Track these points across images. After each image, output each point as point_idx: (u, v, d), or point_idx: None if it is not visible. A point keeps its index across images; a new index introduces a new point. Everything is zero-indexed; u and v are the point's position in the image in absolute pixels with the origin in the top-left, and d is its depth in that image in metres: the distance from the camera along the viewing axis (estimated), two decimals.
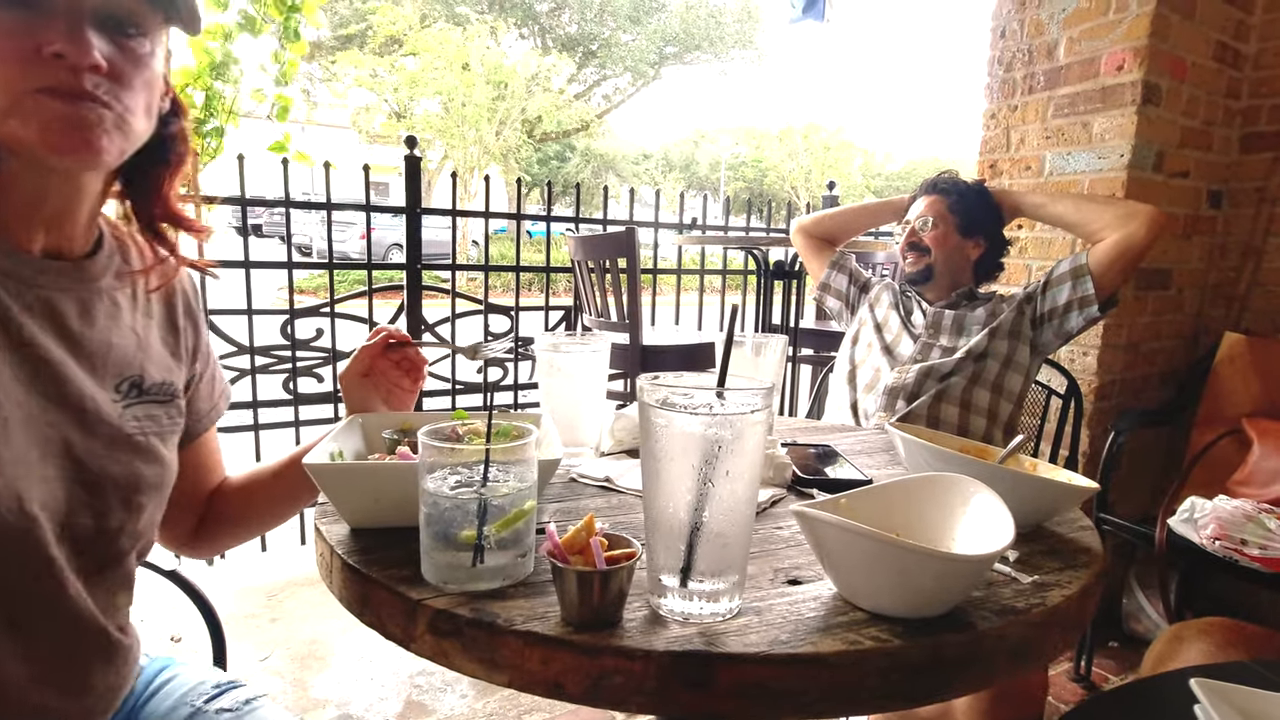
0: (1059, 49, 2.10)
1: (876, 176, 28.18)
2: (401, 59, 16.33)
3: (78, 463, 0.69)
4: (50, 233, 0.70)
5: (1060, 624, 0.64)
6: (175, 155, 0.78)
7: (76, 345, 0.70)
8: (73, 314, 0.71)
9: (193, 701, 0.84)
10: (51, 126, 0.62)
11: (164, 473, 0.78)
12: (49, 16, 0.61)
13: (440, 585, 0.61)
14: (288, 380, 2.48)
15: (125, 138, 0.67)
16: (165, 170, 0.78)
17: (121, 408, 0.73)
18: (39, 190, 0.68)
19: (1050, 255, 2.16)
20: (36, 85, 0.61)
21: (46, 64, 0.60)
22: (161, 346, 0.81)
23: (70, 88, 0.62)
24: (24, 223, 0.68)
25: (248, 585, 2.35)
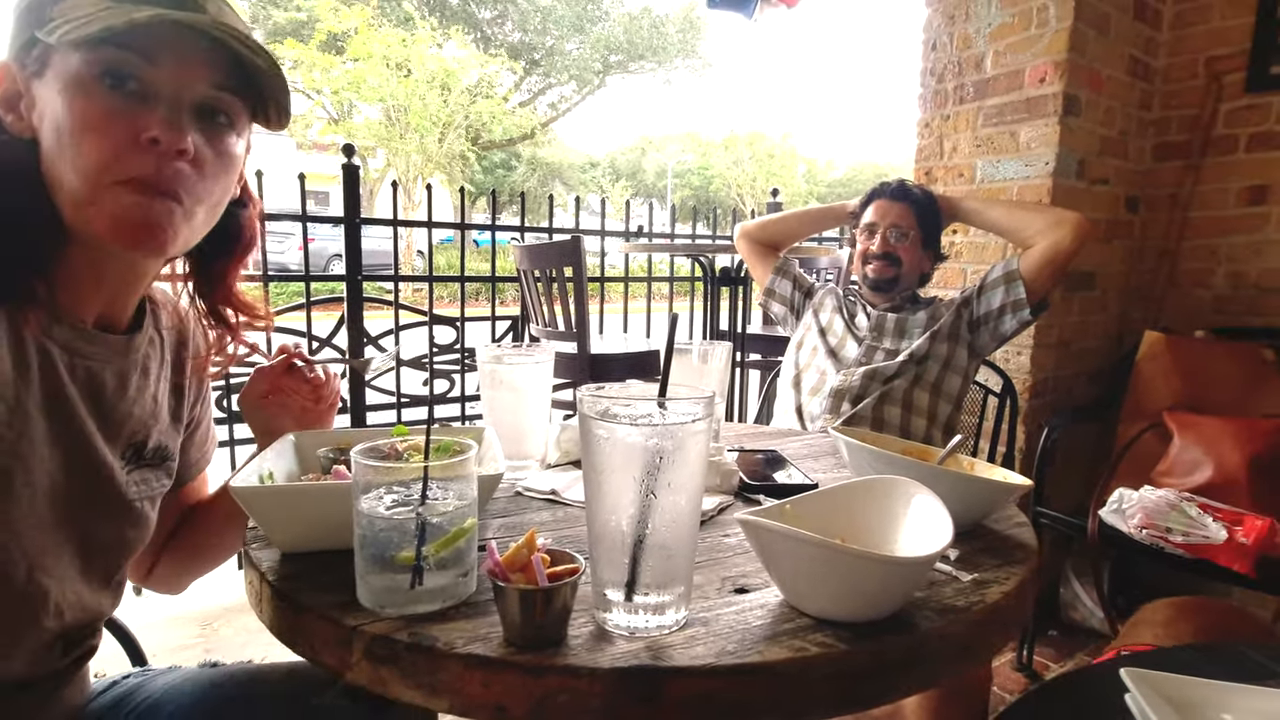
0: (986, 61, 2.18)
1: (819, 183, 28.83)
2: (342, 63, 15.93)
3: (83, 531, 0.69)
4: (104, 306, 0.72)
5: (1001, 620, 0.65)
6: (242, 243, 0.80)
7: (106, 416, 0.72)
8: (111, 386, 0.72)
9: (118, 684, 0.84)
10: (123, 220, 0.63)
11: (146, 535, 0.78)
12: (152, 106, 0.63)
13: (377, 609, 0.59)
14: (221, 398, 2.38)
15: (191, 229, 0.68)
16: (231, 257, 0.80)
17: (125, 473, 0.74)
18: (101, 271, 0.69)
19: (984, 259, 2.24)
20: (121, 176, 0.62)
21: (139, 152, 0.62)
22: (168, 411, 0.82)
23: (152, 181, 0.63)
24: (83, 298, 0.70)
25: (179, 614, 2.23)
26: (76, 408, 0.68)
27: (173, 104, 0.64)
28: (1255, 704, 0.56)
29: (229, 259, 0.80)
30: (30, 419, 0.64)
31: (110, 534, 0.73)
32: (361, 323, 2.56)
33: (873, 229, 1.77)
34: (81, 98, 0.61)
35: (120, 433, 0.73)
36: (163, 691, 0.80)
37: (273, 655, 2.01)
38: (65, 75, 0.62)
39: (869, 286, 1.79)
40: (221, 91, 0.67)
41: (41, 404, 0.65)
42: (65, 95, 0.61)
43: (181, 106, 0.64)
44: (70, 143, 0.61)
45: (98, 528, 0.71)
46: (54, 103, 0.62)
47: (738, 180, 26.61)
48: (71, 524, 0.68)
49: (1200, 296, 2.29)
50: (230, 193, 0.73)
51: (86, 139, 0.61)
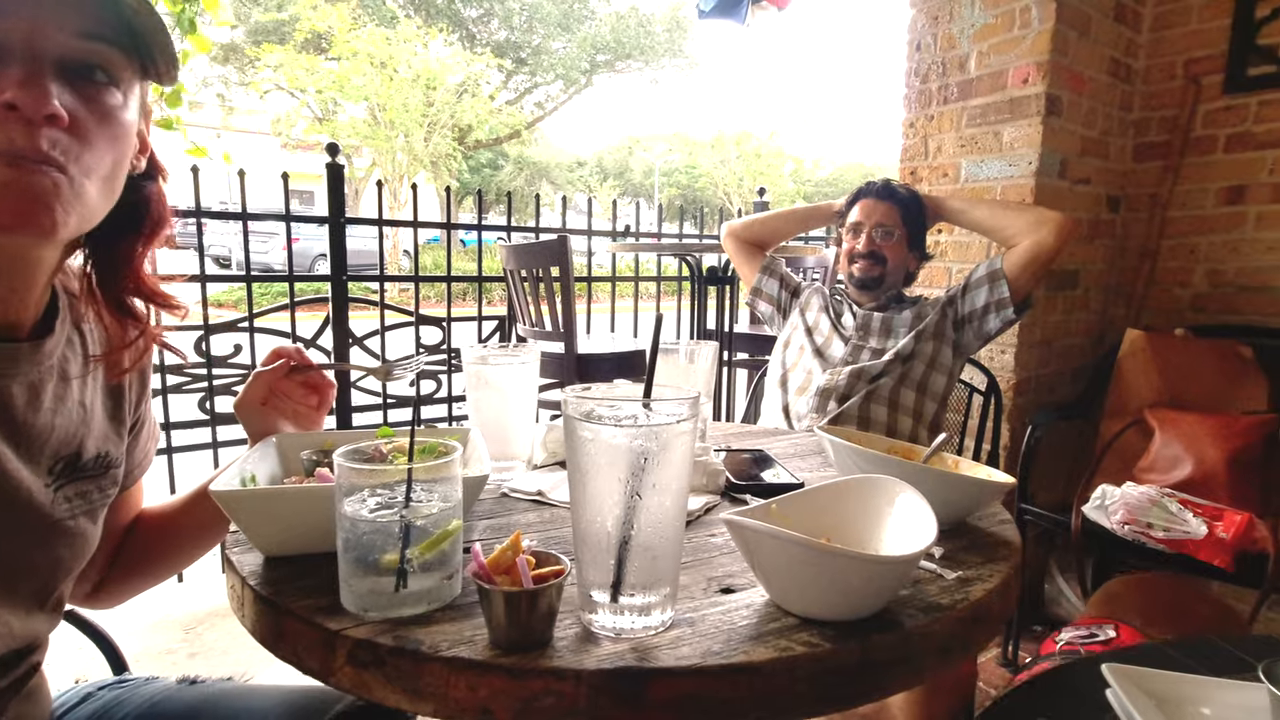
0: (970, 62, 2.20)
1: (807, 183, 28.92)
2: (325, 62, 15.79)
3: (1, 559, 0.63)
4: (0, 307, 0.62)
5: (985, 617, 0.65)
6: (150, 223, 0.70)
7: (18, 433, 0.64)
8: (20, 402, 0.64)
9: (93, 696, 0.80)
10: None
11: (86, 549, 0.72)
12: (5, 63, 0.54)
13: (360, 613, 0.58)
14: (204, 400, 2.35)
15: (84, 206, 0.58)
16: (137, 240, 0.69)
17: (53, 491, 0.67)
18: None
19: (968, 258, 2.26)
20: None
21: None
22: (104, 414, 0.74)
23: (21, 150, 0.53)
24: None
25: (162, 619, 2.21)
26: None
27: (29, 59, 0.54)
28: (1233, 698, 0.57)
29: (135, 241, 0.70)
30: None
31: (37, 558, 0.66)
32: (347, 323, 2.54)
33: (858, 228, 1.78)
34: None
35: (42, 450, 0.66)
36: (142, 711, 0.77)
37: (258, 660, 1.99)
38: None
39: (855, 285, 1.80)
40: (91, 41, 0.57)
41: None
42: None
43: (41, 62, 0.55)
44: None
45: (21, 554, 0.65)
46: None
47: (725, 180, 26.65)
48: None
49: (1180, 295, 2.32)
50: (126, 161, 0.63)
51: None
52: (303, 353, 0.89)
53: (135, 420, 0.80)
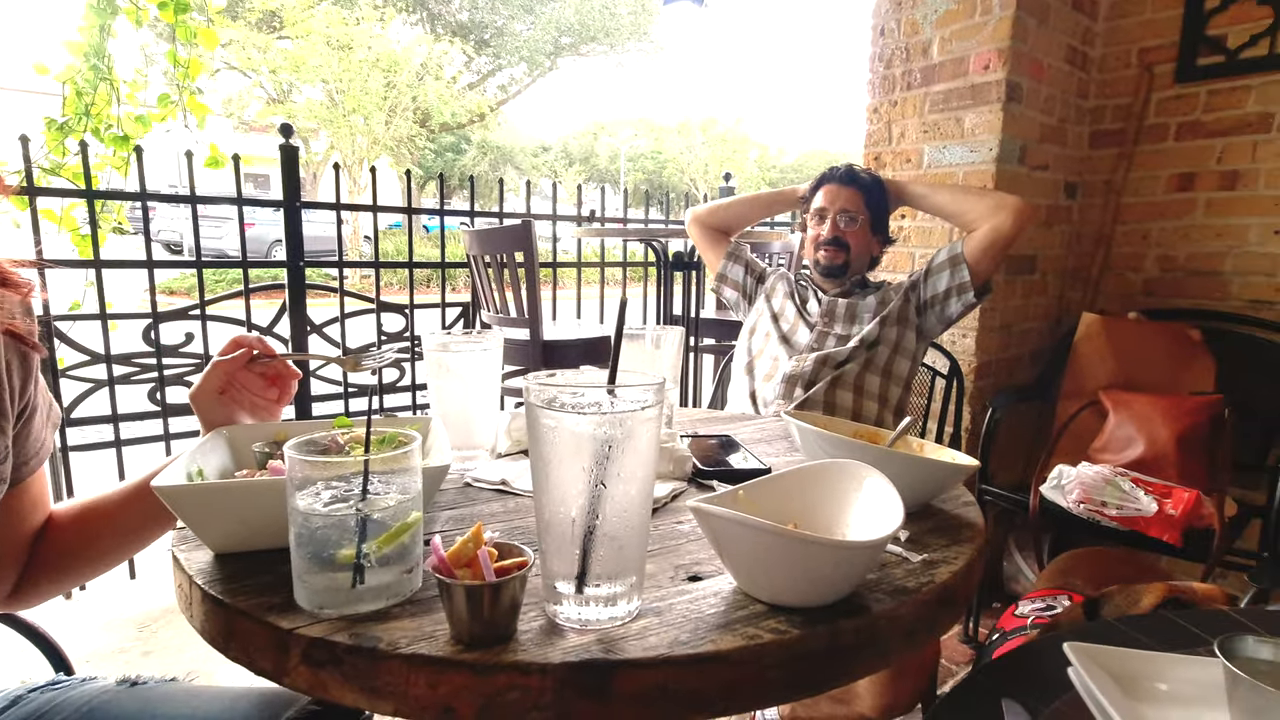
0: (933, 48, 2.21)
1: (771, 169, 29.04)
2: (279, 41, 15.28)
3: None
4: None
5: (950, 599, 0.66)
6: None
7: None
8: None
9: (24, 699, 0.74)
10: None
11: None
12: None
13: (316, 611, 0.56)
14: (154, 390, 2.27)
15: None
16: None
17: None
18: None
19: (931, 244, 2.28)
20: None
21: None
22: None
23: None
24: None
25: (114, 617, 2.14)
26: None
27: None
28: (1189, 673, 0.58)
29: None
30: None
31: None
32: (304, 311, 2.47)
33: (822, 214, 1.78)
34: None
35: None
36: (79, 715, 0.72)
37: (215, 659, 1.94)
38: None
39: (820, 273, 1.80)
40: None
41: None
42: None
43: None
44: None
45: None
46: None
47: (691, 165, 26.62)
48: None
49: (1133, 279, 2.38)
50: None
51: None
52: (264, 341, 0.84)
53: (22, 408, 0.73)
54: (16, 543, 0.76)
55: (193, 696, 0.76)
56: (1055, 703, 0.57)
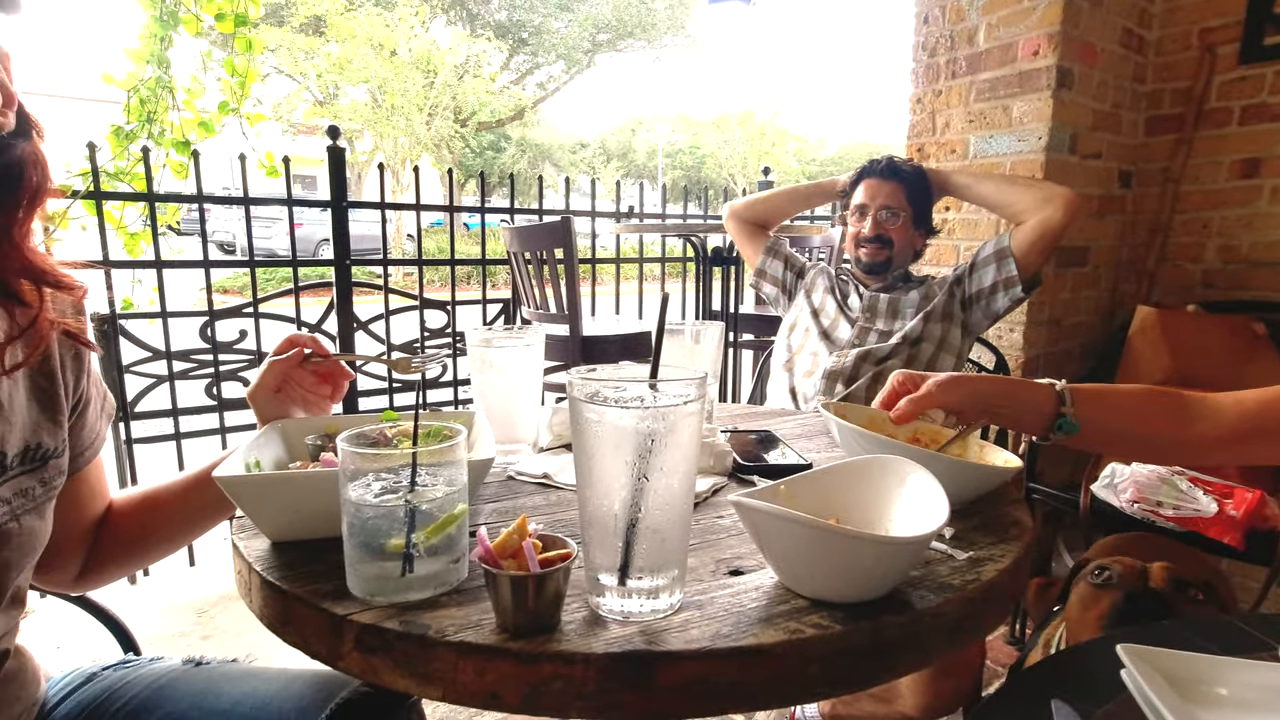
0: (979, 35, 2.16)
1: (811, 162, 28.68)
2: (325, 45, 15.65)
3: None
4: None
5: (996, 598, 0.65)
6: (26, 189, 0.61)
7: None
8: None
9: (97, 677, 0.78)
10: None
11: (36, 546, 0.68)
12: None
13: (367, 598, 0.58)
14: (210, 385, 2.36)
15: None
16: (13, 210, 0.61)
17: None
18: None
19: (977, 236, 2.23)
20: None
21: None
22: (31, 403, 0.68)
23: None
24: None
25: (175, 602, 2.23)
26: None
27: None
28: (1249, 677, 0.56)
29: (10, 212, 0.61)
30: None
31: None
32: (351, 308, 2.54)
33: (863, 210, 1.74)
34: None
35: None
36: (149, 693, 0.76)
37: (270, 643, 2.02)
38: None
39: (862, 270, 1.78)
40: None
41: None
42: None
43: None
44: None
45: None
46: None
47: (729, 160, 26.45)
48: None
49: (1191, 271, 2.29)
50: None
51: None
52: (317, 341, 0.87)
53: (76, 400, 0.74)
54: (79, 529, 0.80)
55: (252, 676, 0.79)
56: (1108, 705, 0.56)
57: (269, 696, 0.75)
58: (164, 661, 0.84)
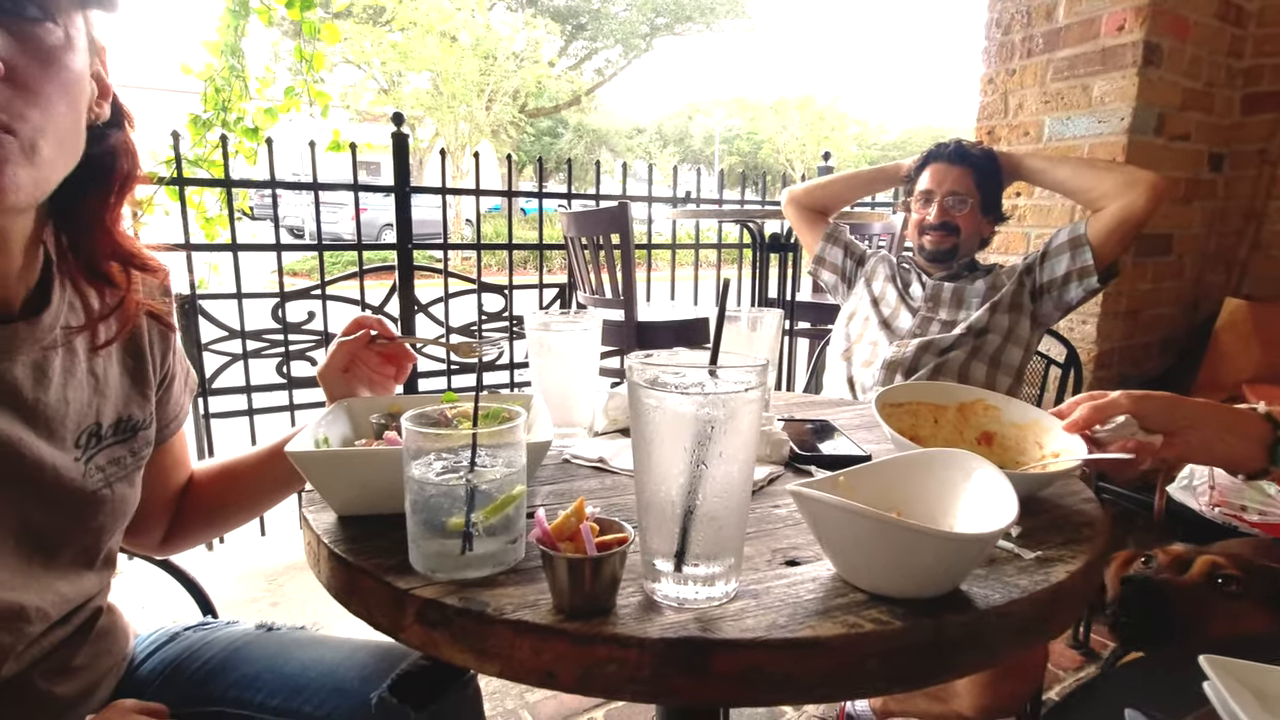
0: (1058, 10, 2.05)
1: (872, 146, 27.92)
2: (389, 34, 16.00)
3: (41, 538, 0.63)
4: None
5: (1065, 600, 0.62)
6: (118, 177, 0.63)
7: (31, 413, 0.62)
8: (26, 383, 0.61)
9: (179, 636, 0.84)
10: None
11: (127, 511, 0.73)
12: None
13: (428, 574, 0.60)
14: (281, 364, 2.46)
15: (38, 168, 0.52)
16: (106, 196, 0.63)
17: (83, 463, 0.66)
18: None
19: (1049, 223, 2.13)
20: None
21: None
22: (123, 377, 0.73)
23: None
24: None
25: (248, 570, 2.35)
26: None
27: None
28: None
29: (103, 198, 0.63)
30: None
31: (74, 530, 0.67)
32: (412, 291, 2.60)
33: (929, 196, 1.68)
34: None
35: (63, 425, 0.64)
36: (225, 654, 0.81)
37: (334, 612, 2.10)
38: None
39: (925, 258, 1.71)
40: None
41: None
42: None
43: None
44: None
45: (56, 529, 0.65)
46: None
47: (787, 145, 25.97)
48: (23, 538, 0.62)
49: None
50: (83, 108, 0.56)
51: None
52: (383, 323, 0.90)
53: (163, 376, 0.78)
54: (163, 497, 0.85)
55: (319, 644, 0.83)
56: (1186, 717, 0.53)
57: (335, 664, 0.78)
58: (239, 625, 0.88)
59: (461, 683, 0.79)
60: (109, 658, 0.76)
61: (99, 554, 0.71)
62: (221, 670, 0.79)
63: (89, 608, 0.73)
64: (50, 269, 0.65)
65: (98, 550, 0.71)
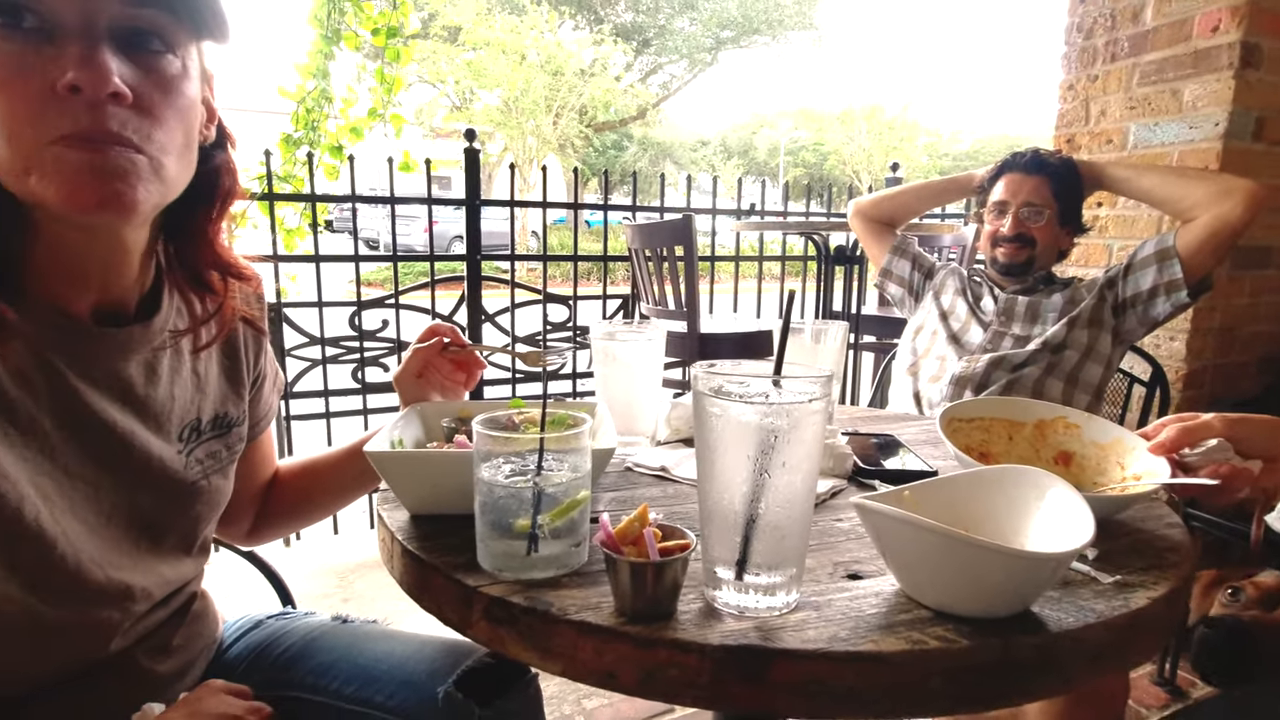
0: (1146, 11, 1.96)
1: (943, 157, 27.15)
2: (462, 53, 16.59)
3: (148, 523, 0.69)
4: (98, 291, 0.65)
5: (1145, 628, 0.60)
6: (221, 193, 0.70)
7: (143, 408, 0.68)
8: (139, 381, 0.68)
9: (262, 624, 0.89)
10: (76, 181, 0.53)
11: (221, 502, 0.78)
12: (60, 43, 0.52)
13: (495, 573, 0.62)
14: (356, 369, 2.56)
15: (163, 183, 0.58)
16: (209, 211, 0.70)
17: (185, 456, 0.72)
18: (78, 249, 0.61)
19: (1134, 235, 2.04)
20: (53, 134, 0.53)
21: (62, 104, 0.52)
22: (220, 377, 0.79)
23: (91, 132, 0.53)
24: (68, 283, 0.62)
25: (321, 566, 2.45)
26: (102, 413, 0.64)
27: (84, 35, 0.53)
28: None
29: (207, 212, 0.69)
30: (53, 442, 0.61)
31: (177, 517, 0.72)
32: (480, 300, 2.68)
33: (1003, 207, 1.62)
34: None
35: (168, 420, 0.70)
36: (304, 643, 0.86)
37: (400, 610, 2.16)
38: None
39: (999, 270, 1.66)
40: (140, 7, 0.55)
41: (64, 421, 0.62)
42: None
43: (96, 36, 0.53)
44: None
45: (162, 516, 0.70)
46: None
47: (853, 156, 25.54)
48: (133, 523, 0.68)
49: None
50: (196, 132, 0.63)
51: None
52: (456, 332, 0.94)
53: (256, 376, 0.84)
54: (251, 490, 0.92)
55: (390, 638, 0.87)
56: None
57: (405, 657, 0.81)
58: (316, 616, 0.93)
59: (524, 683, 0.81)
60: (201, 640, 0.81)
61: (196, 541, 0.77)
62: (300, 658, 0.84)
63: (186, 591, 0.79)
64: (161, 277, 0.72)
65: (195, 537, 0.76)
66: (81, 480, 0.64)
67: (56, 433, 0.62)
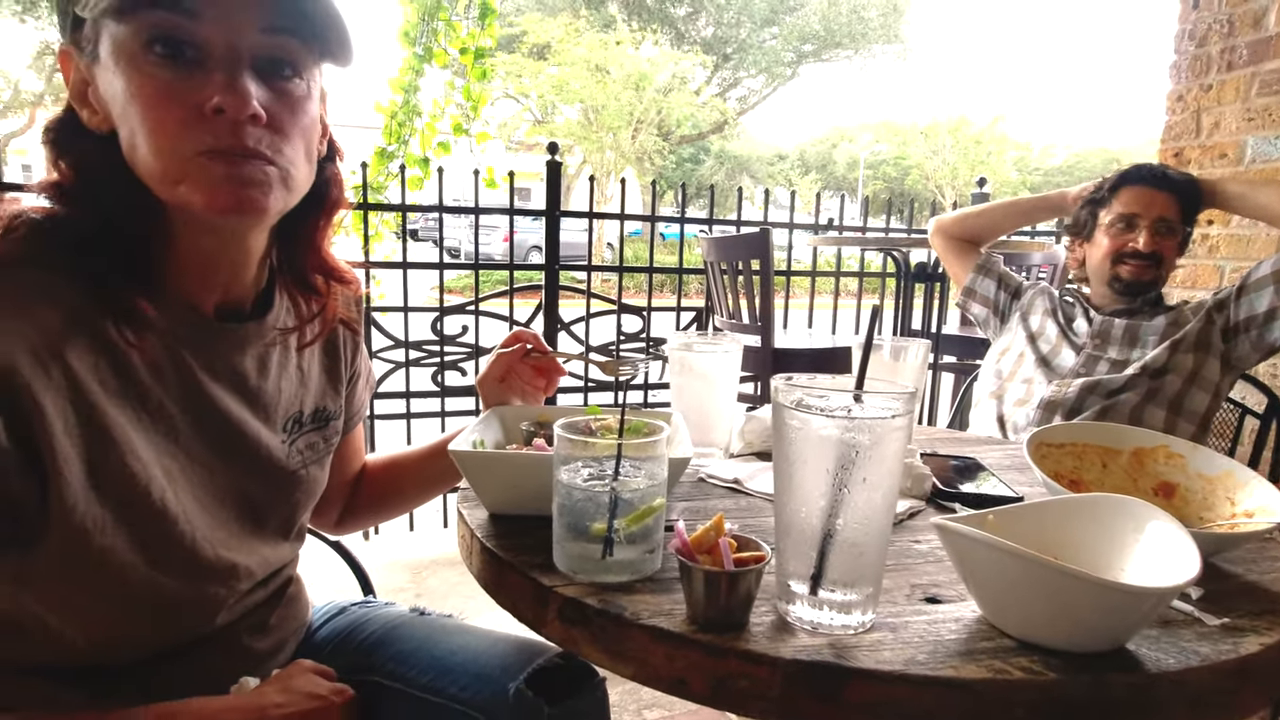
0: (1268, 16, 1.84)
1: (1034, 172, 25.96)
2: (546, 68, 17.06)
3: (253, 507, 0.75)
4: (223, 290, 0.71)
5: (1256, 676, 0.56)
6: (330, 202, 0.76)
7: (254, 399, 0.74)
8: (252, 373, 0.74)
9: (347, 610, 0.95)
10: (218, 189, 0.61)
11: (317, 491, 0.84)
12: (208, 69, 0.60)
13: (571, 574, 0.63)
14: (437, 373, 2.66)
15: (289, 191, 0.66)
16: (318, 219, 0.76)
17: (288, 445, 0.78)
18: (210, 251, 0.68)
19: (1248, 255, 1.90)
20: (200, 148, 0.60)
21: (208, 122, 0.60)
22: (321, 373, 0.84)
23: (233, 148, 0.61)
24: (198, 283, 0.69)
25: (396, 560, 2.55)
26: (220, 402, 0.70)
27: (229, 63, 0.60)
28: None
29: (316, 220, 0.76)
30: (178, 427, 0.67)
31: (279, 502, 0.77)
32: (557, 309, 2.74)
33: (1131, 221, 1.51)
34: (136, 75, 0.59)
35: (275, 411, 0.76)
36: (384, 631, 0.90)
37: (473, 604, 2.22)
38: (114, 51, 0.59)
39: (1119, 290, 1.54)
40: (276, 35, 0.62)
41: (188, 408, 0.68)
42: (121, 75, 0.59)
43: (239, 63, 0.61)
44: (140, 126, 0.60)
45: (267, 500, 0.76)
46: (113, 85, 0.60)
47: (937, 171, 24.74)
48: (242, 506, 0.73)
49: None
50: (315, 146, 0.70)
51: (151, 119, 0.59)
52: (539, 339, 0.98)
53: (351, 374, 0.90)
54: (341, 482, 0.97)
55: (465, 632, 0.90)
56: None
57: (478, 652, 0.84)
58: (395, 607, 0.97)
59: (592, 684, 0.82)
60: (294, 621, 0.86)
61: (294, 526, 0.82)
62: (381, 645, 0.88)
63: (283, 574, 0.84)
64: (273, 279, 0.78)
65: (294, 523, 0.82)
66: (200, 464, 0.69)
67: (181, 419, 0.68)
